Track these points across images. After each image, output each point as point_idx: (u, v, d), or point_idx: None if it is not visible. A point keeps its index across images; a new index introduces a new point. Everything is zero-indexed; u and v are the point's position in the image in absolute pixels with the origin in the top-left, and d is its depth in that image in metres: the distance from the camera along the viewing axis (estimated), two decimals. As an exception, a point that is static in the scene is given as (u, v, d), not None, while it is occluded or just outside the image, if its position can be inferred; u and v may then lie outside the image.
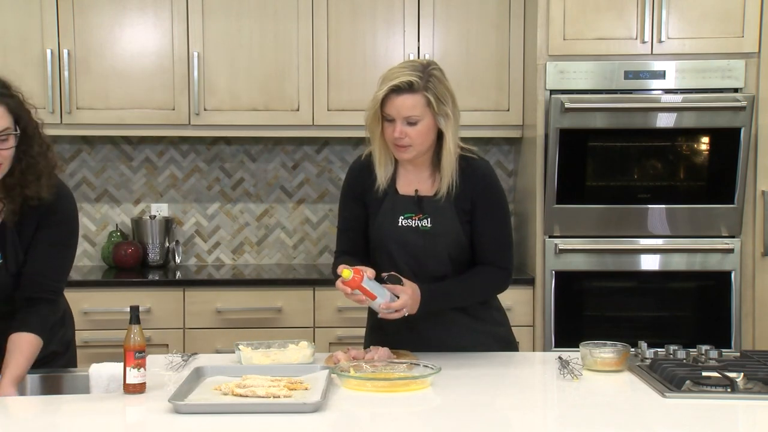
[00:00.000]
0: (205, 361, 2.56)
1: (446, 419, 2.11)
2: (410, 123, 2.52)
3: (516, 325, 3.86)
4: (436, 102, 2.52)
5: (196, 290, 3.99)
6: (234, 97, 4.16)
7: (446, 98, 2.55)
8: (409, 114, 2.51)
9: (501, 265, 2.66)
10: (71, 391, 2.47)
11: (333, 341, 3.93)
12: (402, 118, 2.52)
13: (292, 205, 4.57)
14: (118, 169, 4.51)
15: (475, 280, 2.64)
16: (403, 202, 2.64)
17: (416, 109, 2.51)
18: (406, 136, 2.53)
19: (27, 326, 2.41)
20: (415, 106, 2.51)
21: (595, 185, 3.99)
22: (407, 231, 2.62)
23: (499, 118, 4.23)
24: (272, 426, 2.01)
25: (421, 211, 2.63)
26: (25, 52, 4.04)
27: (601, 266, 3.96)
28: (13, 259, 2.44)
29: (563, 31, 3.89)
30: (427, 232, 2.61)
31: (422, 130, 2.54)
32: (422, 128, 2.53)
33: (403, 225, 2.63)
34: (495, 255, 2.65)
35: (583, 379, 2.39)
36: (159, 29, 4.12)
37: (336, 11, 4.15)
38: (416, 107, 2.51)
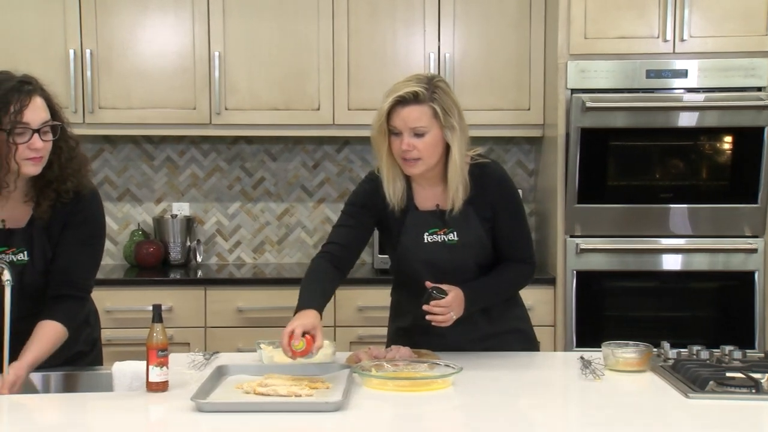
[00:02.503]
0: (227, 359, 2.57)
1: (468, 419, 2.10)
2: (417, 134, 2.49)
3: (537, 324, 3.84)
4: (443, 113, 2.49)
5: (218, 289, 4.00)
6: (255, 97, 4.17)
7: (452, 110, 2.52)
8: (415, 125, 2.48)
9: (527, 260, 2.68)
10: (95, 389, 2.49)
11: (354, 340, 3.94)
12: (408, 130, 2.49)
13: (312, 204, 4.58)
14: (139, 169, 4.53)
15: (508, 275, 2.65)
16: (426, 217, 2.62)
17: (422, 120, 2.48)
18: (414, 148, 2.49)
19: (53, 315, 2.42)
20: (421, 117, 2.48)
21: (616, 185, 3.97)
22: (434, 247, 2.61)
23: (519, 118, 4.22)
24: (294, 425, 2.01)
25: (445, 225, 2.61)
26: (48, 53, 4.07)
27: (622, 266, 3.95)
28: (40, 257, 2.46)
29: (584, 30, 3.88)
30: (455, 245, 2.60)
31: (430, 142, 2.50)
32: (430, 140, 2.50)
33: (429, 241, 2.61)
34: (521, 252, 2.67)
35: (606, 379, 2.38)
36: (180, 29, 4.14)
37: (356, 11, 4.15)
38: (422, 118, 2.48)
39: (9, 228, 2.44)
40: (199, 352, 2.64)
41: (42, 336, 2.39)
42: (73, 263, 2.48)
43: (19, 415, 2.17)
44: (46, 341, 2.39)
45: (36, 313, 2.43)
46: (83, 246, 2.50)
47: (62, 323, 2.43)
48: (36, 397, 2.32)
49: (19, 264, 2.43)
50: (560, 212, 3.96)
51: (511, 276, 2.66)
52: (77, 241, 2.48)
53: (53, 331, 2.41)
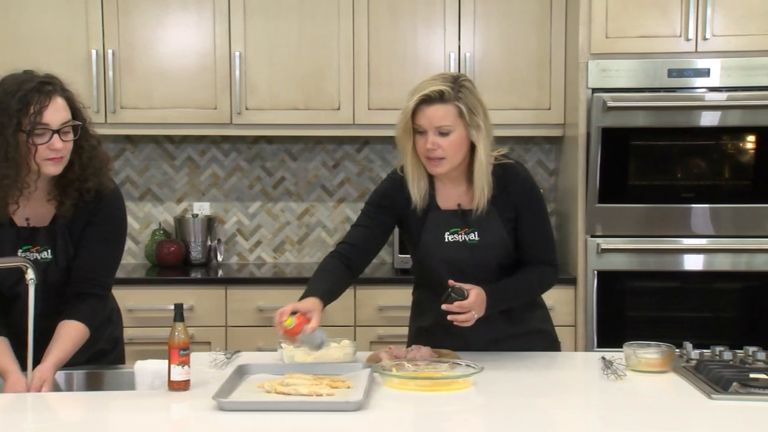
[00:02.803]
0: (248, 358, 2.57)
1: (488, 419, 2.10)
2: (442, 134, 2.49)
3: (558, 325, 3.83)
4: (468, 112, 2.49)
5: (238, 288, 4.01)
6: (275, 97, 4.18)
7: (477, 109, 2.51)
8: (440, 124, 2.48)
9: (550, 262, 2.66)
10: (117, 387, 2.50)
11: (374, 340, 3.94)
12: (433, 129, 2.49)
13: (332, 204, 4.58)
14: (160, 168, 4.55)
15: (532, 278, 2.63)
16: (447, 217, 2.62)
17: (448, 119, 2.48)
18: (439, 147, 2.49)
19: (75, 315, 2.44)
20: (447, 116, 2.48)
21: (637, 184, 3.95)
22: (455, 246, 2.60)
23: (540, 117, 4.21)
24: (315, 424, 2.02)
25: (466, 224, 2.60)
26: (70, 53, 4.10)
27: (643, 266, 3.93)
28: (63, 255, 2.48)
29: (605, 29, 3.86)
30: (476, 245, 2.60)
31: (455, 141, 2.50)
32: (455, 139, 2.50)
33: (450, 241, 2.61)
34: (544, 253, 2.65)
35: (627, 380, 2.37)
36: (201, 29, 4.16)
37: (376, 10, 4.16)
38: (448, 117, 2.48)
39: (33, 226, 2.46)
40: (221, 351, 2.64)
41: (65, 336, 2.41)
42: (94, 261, 2.50)
43: (43, 413, 2.19)
44: (69, 341, 2.41)
45: (59, 311, 2.45)
46: (104, 244, 2.52)
47: (84, 322, 2.45)
48: (59, 395, 2.33)
49: (43, 262, 2.45)
50: (581, 212, 3.95)
51: (534, 278, 2.64)
52: (98, 239, 2.50)
53: (75, 331, 2.43)
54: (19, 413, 2.18)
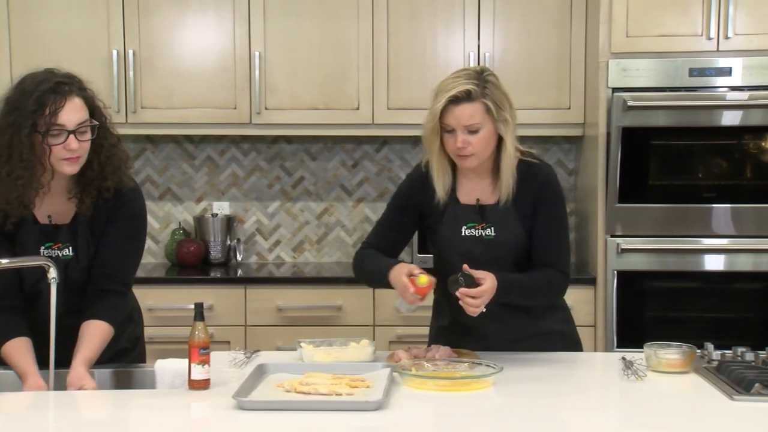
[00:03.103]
0: (268, 358, 2.58)
1: (507, 419, 2.10)
2: (471, 131, 2.50)
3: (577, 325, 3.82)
4: (495, 108, 2.50)
5: (258, 288, 4.02)
6: (294, 96, 4.19)
7: (504, 103, 2.53)
8: (469, 123, 2.49)
9: (560, 268, 2.62)
10: (137, 386, 2.52)
11: (393, 339, 3.94)
12: (462, 128, 2.50)
13: (351, 204, 4.59)
14: (180, 168, 4.57)
15: (543, 278, 2.59)
16: (465, 211, 2.62)
17: (476, 117, 2.49)
18: (469, 145, 2.51)
19: (98, 314, 2.46)
20: (475, 115, 2.49)
21: (658, 184, 3.93)
22: (471, 241, 2.60)
23: (559, 117, 4.19)
24: (335, 423, 2.02)
25: (483, 220, 2.61)
26: (92, 53, 4.12)
27: (663, 266, 3.91)
28: (84, 252, 2.49)
29: (626, 28, 3.85)
30: (491, 240, 2.59)
31: (484, 138, 2.52)
32: (484, 135, 2.51)
33: (467, 235, 2.61)
34: (554, 257, 2.61)
35: (648, 380, 2.36)
36: (221, 29, 4.17)
37: (396, 10, 4.16)
38: (476, 115, 2.49)
39: (55, 224, 2.48)
40: (240, 350, 2.65)
41: (90, 335, 2.43)
42: (115, 258, 2.52)
43: (64, 411, 2.20)
44: (96, 340, 2.43)
45: (81, 308, 2.46)
46: (125, 241, 2.53)
47: (107, 320, 2.46)
48: (80, 393, 2.34)
49: (65, 259, 2.47)
50: (601, 212, 3.93)
51: (544, 280, 2.59)
52: (119, 236, 2.51)
53: (100, 330, 2.45)
54: (41, 411, 2.20)
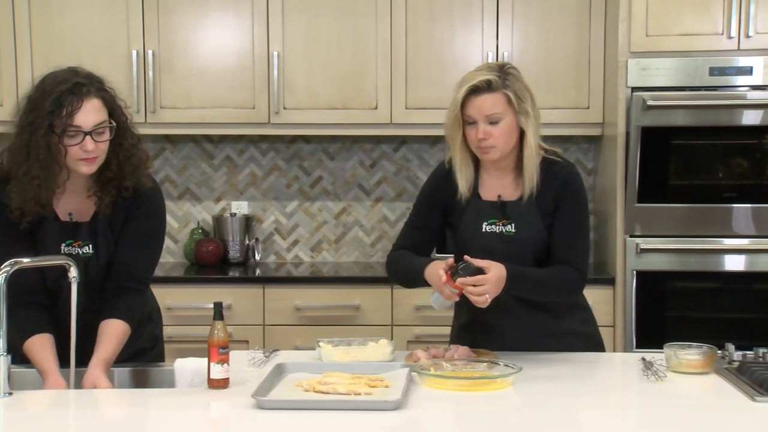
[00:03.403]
0: (287, 357, 2.58)
1: (526, 419, 2.09)
2: (492, 122, 2.50)
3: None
4: (516, 99, 2.50)
5: (276, 287, 4.03)
6: (313, 96, 4.20)
7: (525, 96, 2.53)
8: (490, 112, 2.49)
9: (578, 267, 2.60)
10: (157, 385, 2.53)
11: (411, 339, 3.94)
12: (484, 118, 2.50)
13: (370, 203, 4.59)
14: (199, 168, 4.58)
15: (558, 274, 2.57)
16: (486, 207, 2.62)
17: (497, 107, 2.50)
18: (490, 136, 2.51)
19: (115, 313, 2.47)
20: (496, 105, 2.50)
21: (678, 184, 3.91)
22: (491, 237, 2.60)
23: (578, 116, 4.18)
24: (353, 423, 2.02)
25: (504, 216, 2.60)
26: (111, 53, 4.14)
27: (683, 266, 3.89)
28: (104, 250, 2.51)
29: (645, 27, 3.83)
30: (512, 237, 2.59)
31: (505, 129, 2.52)
32: (505, 127, 2.51)
33: (487, 231, 2.61)
34: (572, 256, 2.59)
35: (668, 381, 2.34)
36: (240, 29, 4.18)
37: (414, 10, 4.15)
38: (497, 105, 2.50)
39: (76, 221, 2.49)
40: (259, 349, 2.66)
41: (107, 336, 2.44)
42: (133, 256, 2.53)
43: (84, 410, 2.21)
44: (113, 341, 2.44)
45: (101, 306, 2.48)
46: (143, 239, 2.55)
47: (124, 320, 2.47)
48: (100, 392, 2.36)
49: (85, 257, 2.49)
50: (620, 212, 3.92)
51: (559, 276, 2.57)
52: (138, 234, 2.53)
53: (117, 329, 2.46)
54: (61, 409, 2.21)
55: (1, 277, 2.19)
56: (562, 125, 4.16)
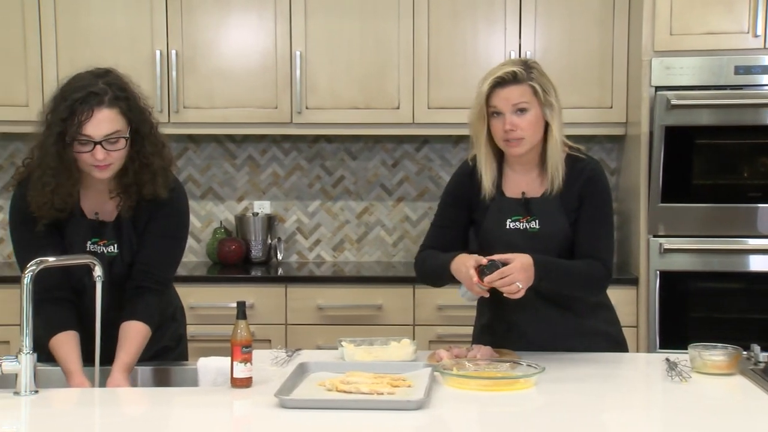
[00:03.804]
0: (309, 356, 2.58)
1: (549, 419, 2.08)
2: (520, 111, 2.51)
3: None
4: (542, 91, 2.52)
5: (298, 287, 4.04)
6: (335, 96, 4.20)
7: (549, 89, 2.55)
8: (518, 101, 2.50)
9: (603, 262, 2.58)
10: (180, 384, 2.54)
11: (433, 339, 3.93)
12: (511, 108, 2.50)
13: (392, 203, 4.59)
14: (222, 167, 4.60)
15: (584, 267, 2.56)
16: (510, 204, 2.62)
17: (525, 97, 2.51)
18: (518, 127, 2.51)
19: (135, 315, 2.47)
20: (523, 95, 2.51)
21: (702, 183, 3.88)
22: (515, 234, 2.60)
23: (601, 116, 4.16)
24: (376, 422, 2.02)
25: (528, 213, 2.60)
26: (135, 53, 4.15)
27: (707, 266, 3.86)
28: (128, 249, 2.52)
29: (670, 26, 3.81)
30: (536, 233, 2.58)
31: (532, 120, 2.52)
32: (532, 118, 2.52)
33: (511, 228, 2.60)
34: (597, 252, 2.58)
35: (692, 382, 2.33)
36: (262, 29, 4.19)
37: (437, 9, 4.15)
38: (524, 95, 2.51)
39: (101, 220, 2.51)
40: (282, 348, 2.66)
41: (128, 339, 2.44)
42: (155, 256, 2.53)
43: (108, 408, 2.23)
44: (134, 344, 2.44)
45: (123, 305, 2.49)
46: (165, 239, 2.55)
47: (144, 321, 2.47)
48: (123, 391, 2.37)
49: (109, 256, 2.50)
50: (643, 211, 3.90)
51: (584, 268, 2.55)
52: (160, 234, 2.53)
53: (138, 332, 2.46)
54: (85, 407, 2.22)
55: (27, 277, 2.21)
56: (585, 125, 4.14)
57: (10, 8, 4.15)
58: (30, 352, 2.20)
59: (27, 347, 2.20)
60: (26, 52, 4.15)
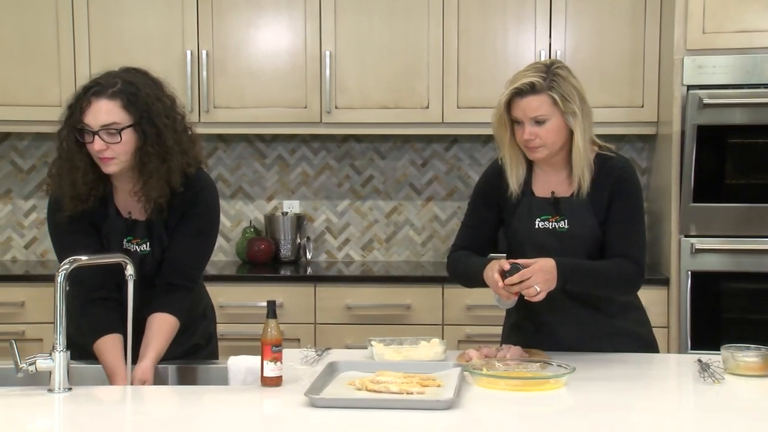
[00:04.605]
0: (339, 356, 2.59)
1: (580, 420, 2.07)
2: (538, 122, 2.50)
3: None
4: (562, 101, 2.49)
5: (327, 286, 4.04)
6: (364, 95, 4.20)
7: (572, 96, 2.51)
8: (535, 114, 2.49)
9: (634, 260, 2.57)
10: (210, 382, 2.55)
11: (462, 339, 3.92)
12: (529, 119, 2.50)
13: (420, 203, 4.58)
14: (251, 167, 4.62)
15: (613, 266, 2.54)
16: (540, 204, 2.61)
17: (542, 109, 2.49)
18: (537, 137, 2.51)
19: (164, 307, 2.49)
20: (540, 106, 2.49)
21: (734, 183, 3.85)
22: (544, 233, 2.59)
23: (632, 115, 4.14)
24: (406, 422, 2.02)
25: (557, 212, 2.59)
26: (166, 53, 4.18)
27: (739, 267, 3.82)
28: (158, 248, 2.54)
29: (702, 25, 3.77)
30: (565, 233, 2.58)
31: (552, 129, 2.51)
32: (552, 127, 2.50)
33: (540, 227, 2.60)
34: (629, 250, 2.56)
35: (725, 383, 2.31)
36: (292, 29, 4.20)
37: (466, 8, 4.14)
38: (541, 107, 2.49)
39: (134, 219, 2.53)
40: (312, 348, 2.67)
41: (157, 330, 2.46)
42: (185, 253, 2.55)
43: (138, 406, 2.25)
44: (163, 335, 2.47)
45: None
46: (195, 237, 2.56)
47: (173, 314, 2.49)
48: (154, 389, 2.39)
49: (142, 254, 2.53)
50: (674, 211, 3.87)
51: (613, 269, 2.54)
52: (189, 231, 2.54)
53: (167, 324, 2.48)
54: (117, 405, 2.24)
55: (61, 275, 2.23)
56: (615, 124, 4.12)
57: (45, 10, 4.19)
58: (63, 350, 2.22)
59: (60, 345, 2.22)
60: (60, 54, 4.19)
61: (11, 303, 3.97)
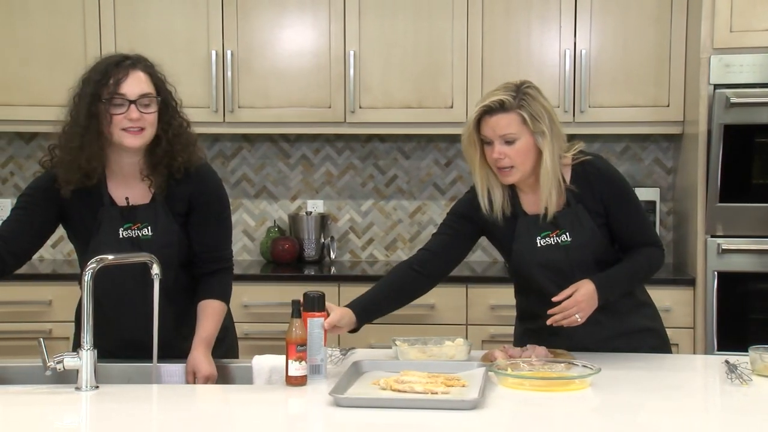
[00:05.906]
0: (363, 355, 2.59)
1: (605, 420, 2.07)
2: (507, 142, 2.49)
3: (676, 326, 3.74)
4: (531, 120, 2.48)
5: (351, 286, 4.04)
6: (388, 95, 4.20)
7: (542, 115, 2.49)
8: (504, 132, 2.48)
9: (655, 243, 2.65)
10: (235, 382, 2.57)
11: (486, 339, 3.91)
12: (498, 138, 2.49)
13: (444, 203, 4.58)
14: (276, 166, 4.63)
15: (641, 260, 2.60)
16: (536, 221, 2.60)
17: (511, 127, 2.48)
18: (506, 156, 2.49)
19: (210, 293, 2.60)
20: (510, 125, 2.48)
21: (761, 183, 3.82)
22: (548, 250, 2.58)
23: (657, 114, 4.11)
24: (430, 422, 2.02)
25: (557, 226, 2.58)
26: (191, 54, 4.20)
27: (766, 267, 3.80)
28: (162, 232, 2.55)
29: (730, 23, 3.74)
30: (569, 245, 2.57)
31: (521, 149, 2.49)
32: (521, 147, 2.49)
33: (543, 245, 2.59)
34: (644, 237, 2.63)
35: (753, 385, 2.28)
36: (317, 29, 4.21)
37: (491, 8, 4.13)
38: (511, 125, 2.48)
39: (133, 204, 2.56)
40: (336, 347, 2.67)
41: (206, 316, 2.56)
42: (213, 240, 2.63)
43: (164, 405, 2.26)
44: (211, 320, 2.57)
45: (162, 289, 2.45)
46: (216, 221, 2.64)
47: (219, 299, 2.61)
48: (179, 387, 2.40)
49: (144, 239, 2.54)
50: (701, 211, 3.84)
51: (644, 260, 2.61)
52: (210, 219, 2.62)
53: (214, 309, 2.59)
54: (144, 403, 2.25)
55: (87, 274, 2.24)
56: (641, 123, 4.10)
57: (72, 12, 4.22)
58: (90, 348, 2.24)
59: (87, 343, 2.24)
60: (86, 55, 4.20)
61: (39, 302, 4.01)
